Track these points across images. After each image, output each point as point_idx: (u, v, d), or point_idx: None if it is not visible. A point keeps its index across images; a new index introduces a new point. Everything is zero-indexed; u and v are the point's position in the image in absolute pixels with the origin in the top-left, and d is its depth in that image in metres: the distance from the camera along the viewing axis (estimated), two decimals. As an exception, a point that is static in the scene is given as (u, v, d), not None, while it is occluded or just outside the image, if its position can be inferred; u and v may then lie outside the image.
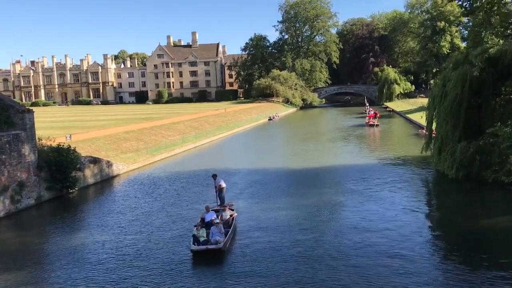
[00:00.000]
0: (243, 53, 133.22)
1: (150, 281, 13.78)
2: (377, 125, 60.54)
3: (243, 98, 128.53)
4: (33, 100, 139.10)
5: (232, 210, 19.62)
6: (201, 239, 15.95)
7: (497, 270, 13.51)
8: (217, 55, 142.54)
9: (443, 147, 27.25)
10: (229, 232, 16.74)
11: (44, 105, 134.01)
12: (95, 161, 29.84)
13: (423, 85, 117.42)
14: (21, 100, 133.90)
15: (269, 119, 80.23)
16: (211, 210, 18.75)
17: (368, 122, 63.61)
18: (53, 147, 26.41)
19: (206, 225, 17.31)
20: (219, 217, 18.13)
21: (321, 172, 30.68)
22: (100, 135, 38.51)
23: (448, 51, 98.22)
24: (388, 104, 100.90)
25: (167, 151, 40.48)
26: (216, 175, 21.90)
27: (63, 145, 26.59)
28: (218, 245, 15.34)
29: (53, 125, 47.23)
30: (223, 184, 21.43)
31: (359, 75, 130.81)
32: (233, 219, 18.38)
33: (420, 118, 52.92)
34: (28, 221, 22.02)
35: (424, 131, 38.82)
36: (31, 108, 26.64)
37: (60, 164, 25.20)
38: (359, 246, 15.88)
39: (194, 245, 15.52)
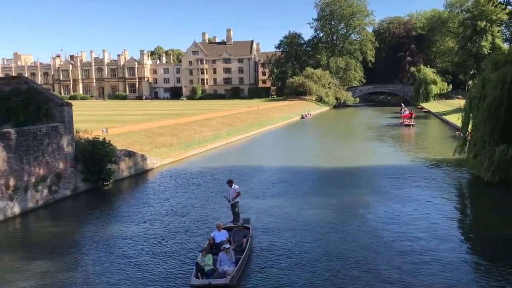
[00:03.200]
0: (277, 50, 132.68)
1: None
2: (413, 125, 59.44)
3: (275, 96, 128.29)
4: (72, 93, 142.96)
5: (248, 229, 16.68)
6: (206, 268, 13.40)
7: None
8: (251, 53, 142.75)
9: (479, 150, 26.55)
10: (241, 259, 13.98)
11: (82, 98, 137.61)
12: (130, 154, 30.48)
13: (461, 86, 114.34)
14: (60, 93, 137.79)
15: (301, 117, 79.93)
16: (223, 229, 16.03)
17: (403, 122, 62.58)
18: (89, 140, 27.11)
19: (216, 246, 14.96)
20: (231, 238, 15.62)
21: (353, 172, 30.38)
22: (136, 129, 39.30)
23: (488, 51, 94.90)
24: (423, 104, 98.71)
25: (199, 146, 40.94)
26: (232, 181, 18.94)
27: (98, 138, 27.29)
28: (225, 278, 12.77)
29: (90, 119, 48.40)
30: (238, 198, 18.46)
31: (395, 75, 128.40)
32: (247, 241, 15.50)
33: (457, 119, 51.70)
34: (64, 211, 22.79)
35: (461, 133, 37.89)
36: (69, 101, 27.45)
37: (96, 156, 25.92)
38: (391, 247, 15.77)
39: (197, 277, 12.97)
